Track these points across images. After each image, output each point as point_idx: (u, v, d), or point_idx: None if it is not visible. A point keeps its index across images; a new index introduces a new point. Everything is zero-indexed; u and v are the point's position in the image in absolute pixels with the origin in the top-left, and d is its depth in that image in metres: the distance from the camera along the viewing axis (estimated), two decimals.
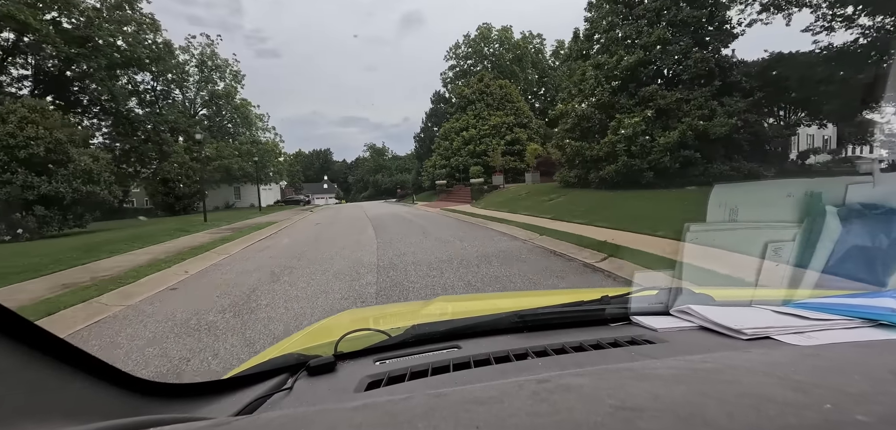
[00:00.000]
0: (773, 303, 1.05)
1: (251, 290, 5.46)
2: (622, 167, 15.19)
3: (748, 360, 0.58)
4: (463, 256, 7.21)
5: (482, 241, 9.14)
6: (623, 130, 15.27)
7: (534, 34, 50.13)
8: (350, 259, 7.42)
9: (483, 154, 32.69)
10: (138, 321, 4.38)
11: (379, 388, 0.76)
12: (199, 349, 3.45)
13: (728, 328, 0.86)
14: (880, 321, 0.83)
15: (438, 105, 47.87)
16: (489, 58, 47.34)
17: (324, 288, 5.35)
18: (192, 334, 3.85)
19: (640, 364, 0.55)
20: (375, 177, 73.99)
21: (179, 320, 4.31)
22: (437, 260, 6.91)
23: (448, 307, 1.58)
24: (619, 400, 0.42)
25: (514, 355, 0.84)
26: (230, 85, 40.89)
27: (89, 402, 0.53)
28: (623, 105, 16.24)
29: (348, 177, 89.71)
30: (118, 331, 4.12)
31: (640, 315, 1.02)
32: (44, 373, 0.48)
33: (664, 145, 14.25)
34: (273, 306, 4.64)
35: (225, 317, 4.31)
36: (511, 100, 35.35)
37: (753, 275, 3.02)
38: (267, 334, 3.73)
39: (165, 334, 3.90)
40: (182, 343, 3.63)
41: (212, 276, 6.80)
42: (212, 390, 0.77)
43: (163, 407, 0.63)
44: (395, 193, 54.24)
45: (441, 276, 5.71)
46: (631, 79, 16.28)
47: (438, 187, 35.14)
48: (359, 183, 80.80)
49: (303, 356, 0.88)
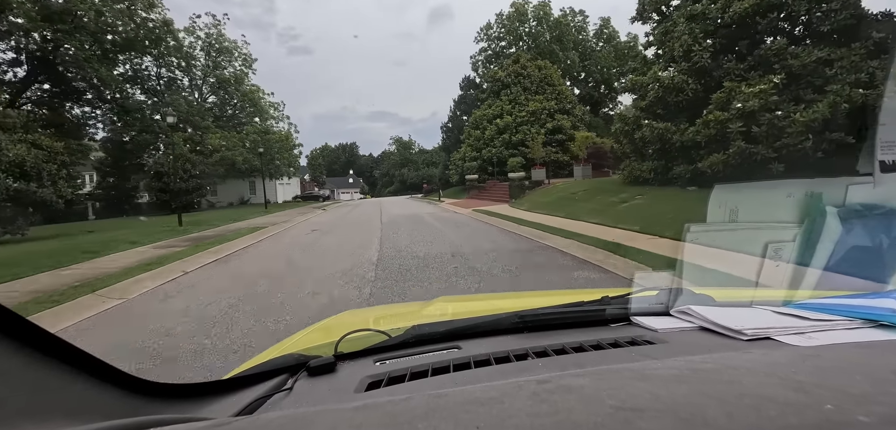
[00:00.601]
0: (773, 303, 1.05)
1: None
2: (735, 156, 10.46)
3: (749, 360, 0.58)
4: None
5: (560, 277, 5.77)
6: (739, 103, 10.62)
7: (575, 12, 45.08)
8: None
9: (520, 144, 28.92)
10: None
11: (379, 388, 0.76)
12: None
13: (728, 329, 0.86)
14: (881, 322, 0.83)
15: (468, 91, 43.00)
16: (525, 39, 42.65)
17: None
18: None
19: (640, 365, 0.56)
20: (401, 171, 72.29)
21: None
22: None
23: (448, 308, 1.58)
24: (620, 401, 0.42)
25: (514, 355, 0.84)
26: (240, 70, 37.04)
27: (91, 403, 0.53)
28: (730, 70, 11.68)
29: (374, 171, 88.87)
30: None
31: (641, 316, 1.02)
32: (45, 374, 0.48)
33: (805, 124, 9.49)
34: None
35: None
36: (551, 83, 31.18)
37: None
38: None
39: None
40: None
41: None
42: (212, 390, 0.77)
43: (163, 408, 0.63)
44: (421, 188, 52.35)
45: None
46: (741, 35, 11.76)
47: (469, 183, 31.21)
48: (385, 177, 79.46)
49: (303, 357, 0.88)
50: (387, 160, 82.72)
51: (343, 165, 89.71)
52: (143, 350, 3.85)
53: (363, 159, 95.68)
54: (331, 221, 18.16)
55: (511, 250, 8.03)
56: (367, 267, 7.03)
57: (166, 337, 4.17)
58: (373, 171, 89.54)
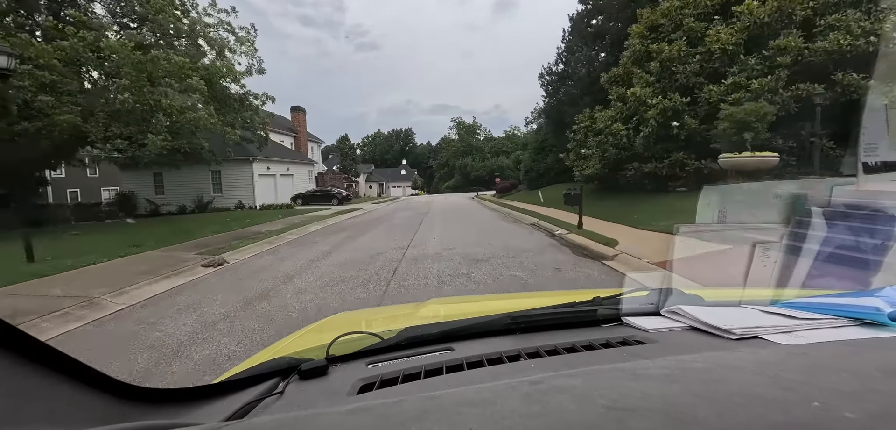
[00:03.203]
0: (761, 303, 1.07)
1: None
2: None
3: (737, 359, 0.59)
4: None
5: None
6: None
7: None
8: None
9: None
10: None
11: (371, 391, 0.75)
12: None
13: (717, 328, 0.87)
14: (866, 320, 0.84)
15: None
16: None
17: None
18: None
19: (631, 365, 0.56)
20: (463, 161, 59.27)
21: None
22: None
23: (441, 310, 1.57)
24: (611, 400, 0.42)
25: (506, 356, 0.84)
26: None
27: (76, 408, 0.52)
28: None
29: (431, 161, 76.12)
30: None
31: (632, 316, 1.03)
32: (29, 379, 0.47)
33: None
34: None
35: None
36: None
37: None
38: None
39: None
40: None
41: None
42: (201, 395, 0.76)
43: (151, 413, 0.62)
44: (492, 182, 41.70)
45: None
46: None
47: (631, 180, 13.44)
48: (443, 169, 67.29)
49: (294, 360, 0.88)
50: (446, 148, 67.59)
51: (396, 154, 78.20)
52: None
53: (419, 149, 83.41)
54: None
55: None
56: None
57: None
58: (430, 161, 76.80)
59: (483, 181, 50.27)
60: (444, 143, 70.29)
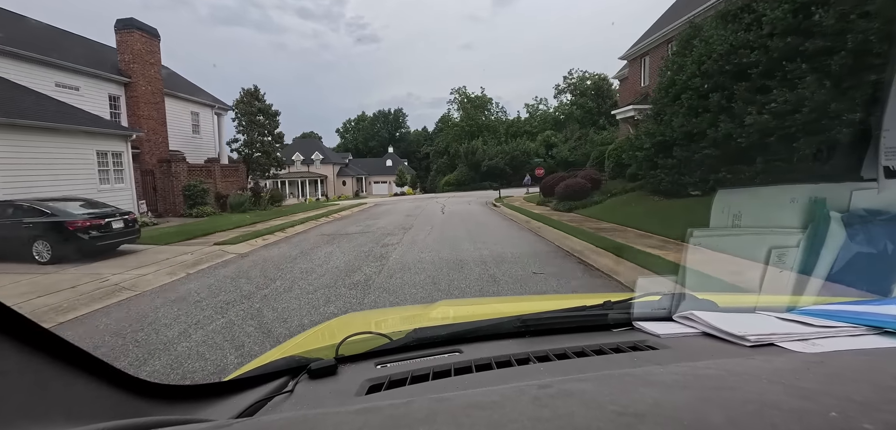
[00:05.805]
0: (776, 309, 1.04)
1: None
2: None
3: (752, 367, 0.58)
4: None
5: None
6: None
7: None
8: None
9: None
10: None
11: (380, 392, 0.75)
12: None
13: (732, 335, 0.85)
14: (886, 329, 0.82)
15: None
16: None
17: None
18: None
19: (642, 370, 0.55)
20: (470, 145, 42.08)
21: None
22: None
23: (450, 312, 1.57)
24: (621, 406, 0.41)
25: (515, 359, 0.84)
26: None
27: (91, 403, 0.53)
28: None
29: (426, 149, 58.04)
30: None
31: (643, 321, 1.01)
32: (46, 374, 0.48)
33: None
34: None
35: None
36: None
37: None
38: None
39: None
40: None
41: None
42: (212, 392, 0.77)
43: (164, 409, 0.63)
44: (514, 176, 31.08)
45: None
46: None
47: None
48: (441, 158, 49.41)
49: (304, 359, 0.88)
50: (445, 131, 49.99)
51: (382, 141, 63.00)
52: None
53: (412, 136, 66.46)
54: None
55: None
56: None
57: None
58: (423, 148, 58.97)
59: (500, 174, 34.83)
60: (442, 123, 50.93)
